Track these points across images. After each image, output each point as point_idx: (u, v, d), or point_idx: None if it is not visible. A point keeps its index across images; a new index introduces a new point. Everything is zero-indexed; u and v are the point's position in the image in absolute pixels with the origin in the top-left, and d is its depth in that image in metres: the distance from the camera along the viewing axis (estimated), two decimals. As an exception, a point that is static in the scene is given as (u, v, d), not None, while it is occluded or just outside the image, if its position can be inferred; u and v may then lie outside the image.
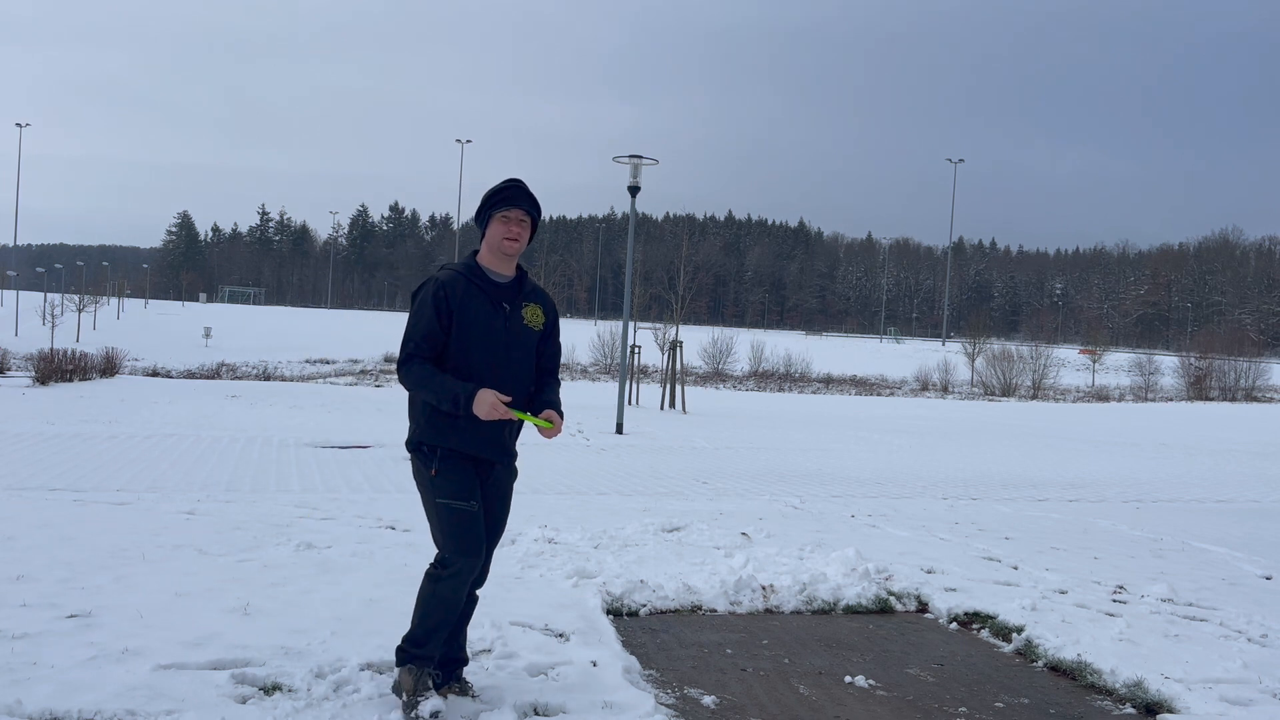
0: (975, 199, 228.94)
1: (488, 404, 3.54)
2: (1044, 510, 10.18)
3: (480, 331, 3.67)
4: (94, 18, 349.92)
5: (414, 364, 3.65)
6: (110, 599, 4.85)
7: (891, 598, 5.74)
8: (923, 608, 5.70)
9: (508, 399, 3.59)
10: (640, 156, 18.97)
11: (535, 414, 3.72)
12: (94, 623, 4.46)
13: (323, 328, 73.83)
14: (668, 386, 25.69)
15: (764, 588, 5.70)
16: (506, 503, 3.90)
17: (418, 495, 3.79)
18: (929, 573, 6.40)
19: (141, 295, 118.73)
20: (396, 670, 3.77)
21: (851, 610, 5.58)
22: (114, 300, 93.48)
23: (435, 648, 3.72)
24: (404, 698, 3.66)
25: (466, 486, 3.66)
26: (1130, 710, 4.15)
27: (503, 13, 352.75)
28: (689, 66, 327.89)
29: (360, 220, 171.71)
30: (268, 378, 36.29)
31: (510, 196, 3.75)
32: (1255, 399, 45.48)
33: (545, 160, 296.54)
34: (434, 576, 3.68)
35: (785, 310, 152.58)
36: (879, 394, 43.25)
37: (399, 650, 3.76)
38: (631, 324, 21.15)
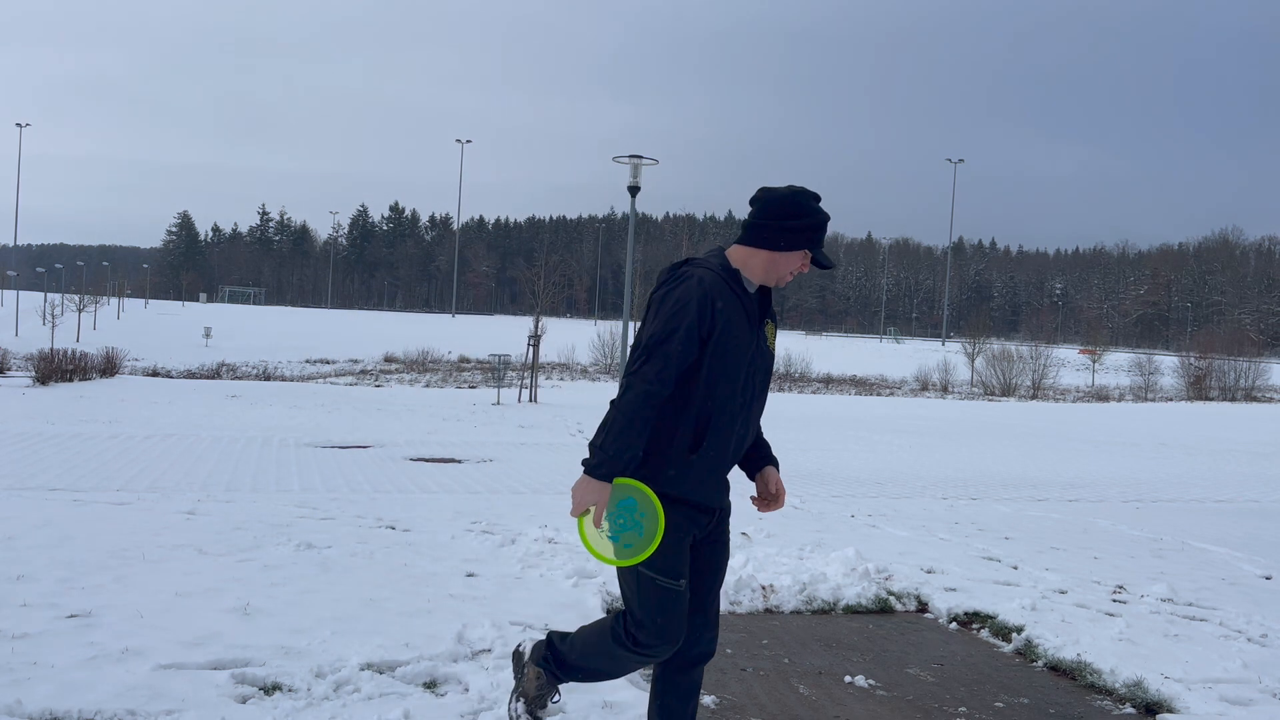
0: (975, 199, 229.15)
1: (593, 499, 2.83)
2: (1044, 510, 10.18)
3: (738, 357, 2.95)
4: (94, 17, 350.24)
5: (660, 389, 2.84)
6: (110, 599, 4.85)
7: (891, 598, 5.74)
8: (923, 608, 5.70)
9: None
10: (640, 156, 18.98)
11: (754, 471, 3.19)
12: (94, 623, 4.46)
13: (323, 328, 73.83)
14: (668, 386, 25.67)
15: (764, 588, 5.70)
16: (728, 549, 3.29)
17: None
18: (929, 573, 6.40)
19: (141, 295, 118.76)
20: (526, 658, 3.36)
21: (851, 610, 5.58)
22: (114, 300, 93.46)
23: (576, 681, 3.32)
24: (519, 696, 3.37)
25: (680, 560, 3.01)
26: (1130, 710, 4.15)
27: (503, 11, 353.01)
28: (688, 66, 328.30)
29: (360, 220, 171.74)
30: (268, 378, 36.29)
31: (823, 235, 3.04)
32: (1255, 399, 45.48)
33: (545, 160, 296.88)
34: (623, 644, 3.04)
35: (785, 310, 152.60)
36: (879, 394, 43.24)
37: (543, 649, 3.27)
38: (632, 324, 21.14)
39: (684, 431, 2.94)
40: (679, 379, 2.90)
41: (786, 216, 2.99)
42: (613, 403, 2.87)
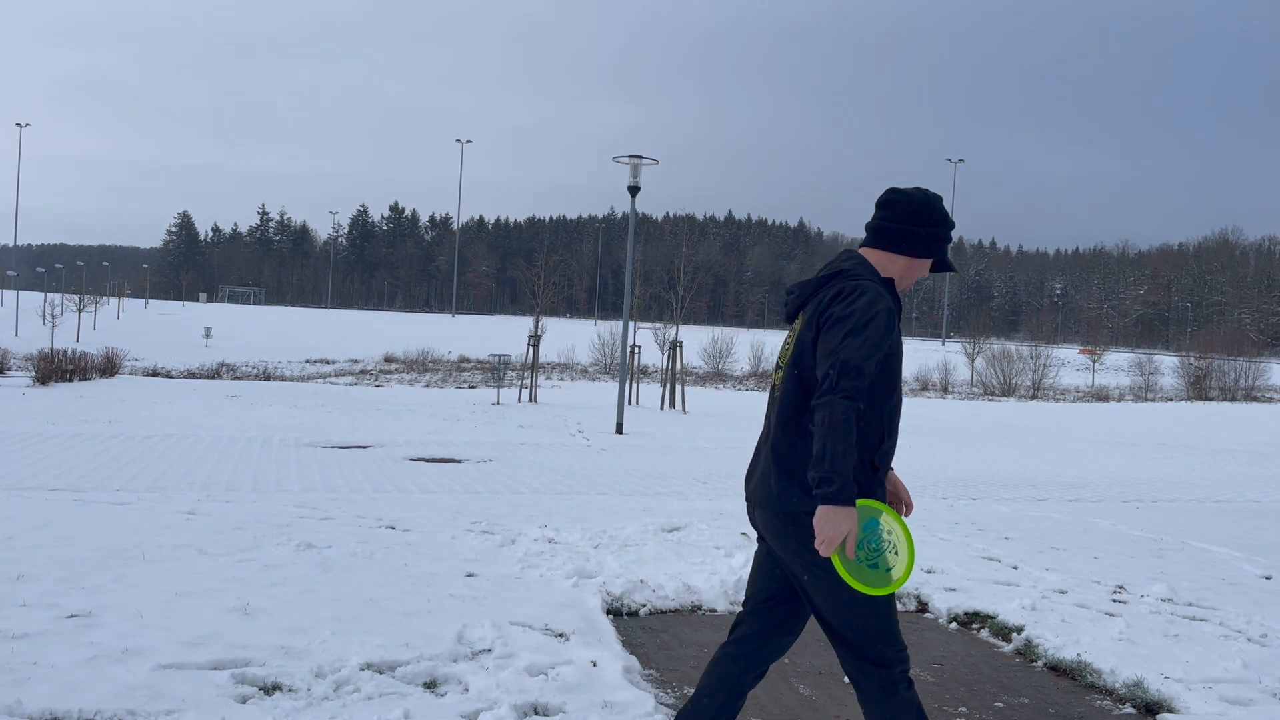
0: (975, 199, 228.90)
1: (846, 527, 2.66)
2: (1044, 510, 10.17)
3: (901, 367, 2.92)
4: (95, 17, 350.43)
5: (862, 404, 2.70)
6: (110, 599, 4.85)
7: (891, 598, 5.74)
8: (923, 608, 5.70)
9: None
10: (640, 156, 18.97)
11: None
12: (94, 623, 4.46)
13: (323, 328, 73.81)
14: (668, 386, 25.69)
15: (764, 588, 5.69)
16: None
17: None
18: (929, 573, 6.40)
19: (141, 295, 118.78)
20: None
21: (851, 610, 5.57)
22: (114, 300, 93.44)
23: None
24: None
25: None
26: (1130, 710, 4.15)
27: (503, 11, 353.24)
28: (688, 66, 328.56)
29: (360, 220, 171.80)
30: (268, 378, 36.26)
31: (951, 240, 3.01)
32: (1255, 399, 45.48)
33: (545, 160, 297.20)
34: (894, 683, 2.86)
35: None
36: (879, 394, 43.18)
37: None
38: (631, 324, 21.15)
39: (875, 444, 2.86)
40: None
41: (926, 222, 2.93)
42: (817, 425, 2.69)
